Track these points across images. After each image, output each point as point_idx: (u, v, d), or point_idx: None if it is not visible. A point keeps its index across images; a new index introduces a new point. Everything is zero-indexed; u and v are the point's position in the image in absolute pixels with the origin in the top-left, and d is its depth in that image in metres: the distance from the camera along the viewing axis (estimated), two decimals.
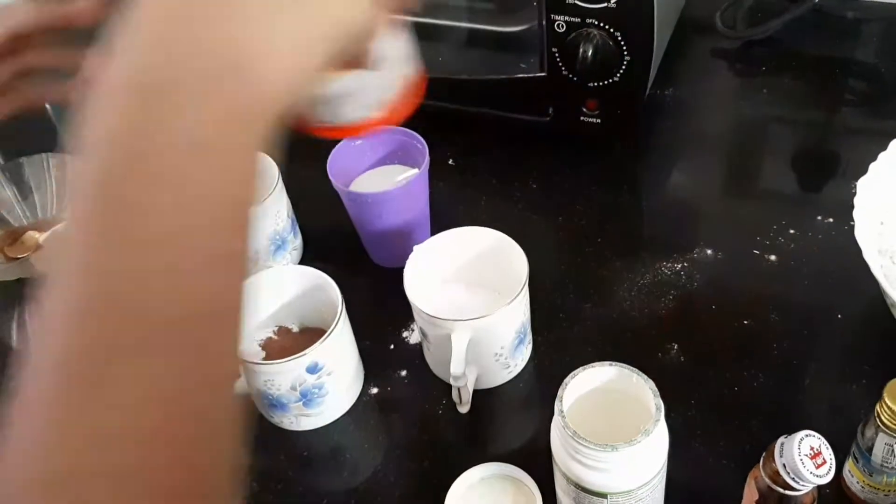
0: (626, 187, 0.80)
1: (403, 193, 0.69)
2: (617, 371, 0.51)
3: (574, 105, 0.78)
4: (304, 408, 0.63)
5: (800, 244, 0.71)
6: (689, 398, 0.62)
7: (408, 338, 0.70)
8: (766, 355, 0.64)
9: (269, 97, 0.29)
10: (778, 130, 0.84)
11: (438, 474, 0.61)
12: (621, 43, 0.71)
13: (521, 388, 0.66)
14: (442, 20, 0.86)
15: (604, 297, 0.70)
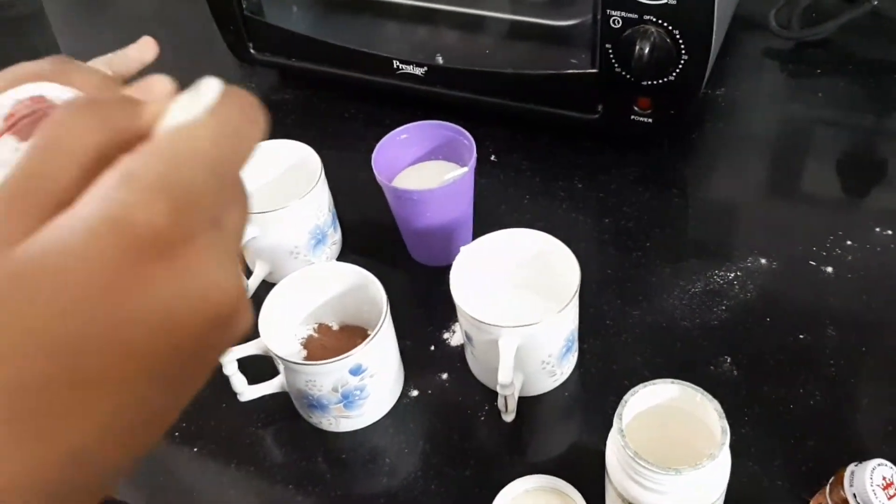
0: (675, 189, 0.77)
1: (450, 192, 0.67)
2: (679, 389, 0.49)
3: (625, 103, 0.75)
4: (344, 409, 0.61)
5: (857, 256, 0.69)
6: (742, 414, 0.60)
7: (449, 339, 0.68)
8: (822, 372, 0.62)
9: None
10: (833, 135, 0.81)
11: (480, 484, 0.59)
12: (679, 41, 0.69)
13: (566, 397, 0.64)
14: (488, 11, 0.84)
15: (653, 304, 0.68)
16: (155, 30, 1.07)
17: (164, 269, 0.23)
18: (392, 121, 0.86)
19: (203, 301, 0.24)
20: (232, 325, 0.25)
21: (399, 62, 0.83)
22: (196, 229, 0.23)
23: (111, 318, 0.22)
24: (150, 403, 0.24)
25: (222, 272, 0.24)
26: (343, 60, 0.86)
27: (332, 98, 0.91)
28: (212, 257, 0.24)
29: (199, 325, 0.24)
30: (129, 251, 0.22)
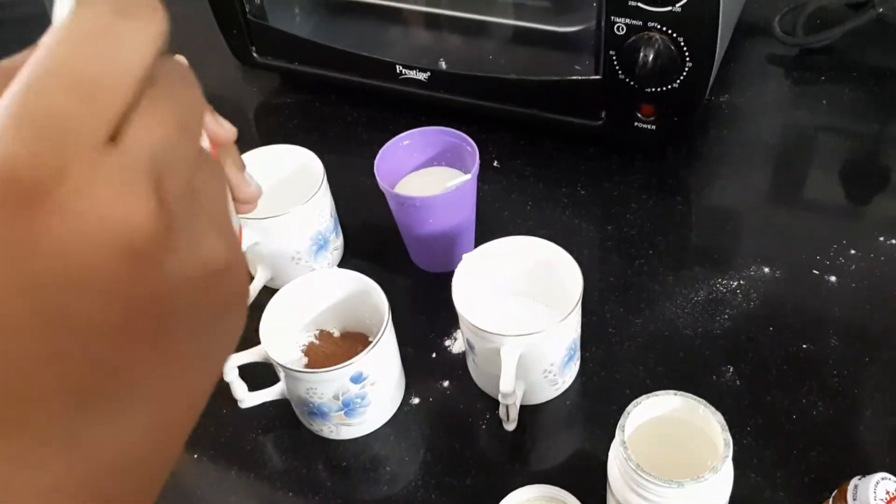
0: (678, 197, 0.77)
1: (452, 199, 0.67)
2: (682, 401, 0.49)
3: (628, 110, 0.75)
4: (345, 417, 0.61)
5: (861, 265, 0.69)
6: (744, 424, 0.60)
7: (450, 347, 0.68)
8: (826, 382, 0.62)
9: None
10: (837, 143, 0.81)
11: (481, 493, 0.59)
12: (683, 49, 0.68)
13: (567, 406, 0.64)
14: (491, 17, 0.84)
15: (655, 312, 0.68)
16: None
17: (46, 214, 0.19)
18: (395, 125, 0.86)
19: (99, 236, 0.20)
20: (169, 255, 0.21)
21: (402, 67, 0.82)
22: (69, 158, 0.19)
23: (10, 283, 0.19)
24: (120, 371, 0.21)
25: (117, 196, 0.20)
26: (346, 64, 0.85)
27: (334, 102, 0.91)
28: (99, 184, 0.20)
29: (109, 265, 0.20)
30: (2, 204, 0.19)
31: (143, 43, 0.21)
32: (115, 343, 0.21)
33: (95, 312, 0.20)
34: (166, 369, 0.22)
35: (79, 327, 0.20)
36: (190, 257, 0.22)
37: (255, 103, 0.94)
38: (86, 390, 0.21)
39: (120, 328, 0.20)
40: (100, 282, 0.20)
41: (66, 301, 0.20)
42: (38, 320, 0.19)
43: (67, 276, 0.19)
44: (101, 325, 0.20)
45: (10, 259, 0.19)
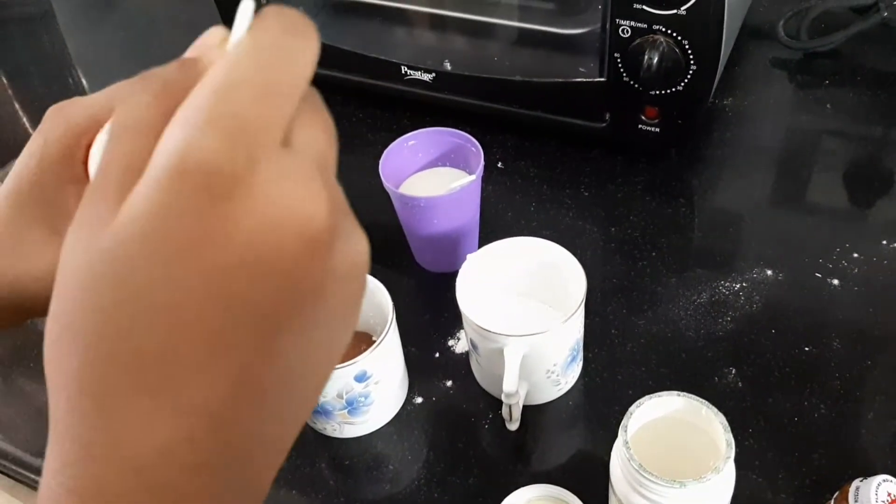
0: (682, 199, 0.77)
1: (457, 199, 0.67)
2: (685, 402, 0.49)
3: (633, 112, 0.75)
4: (348, 416, 0.61)
5: (864, 269, 0.69)
6: (746, 426, 0.60)
7: (454, 346, 0.68)
8: (828, 385, 0.62)
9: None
10: (841, 147, 0.81)
11: (484, 492, 0.60)
12: (688, 52, 0.69)
13: (570, 406, 0.64)
14: (496, 19, 0.84)
15: (658, 314, 0.68)
16: (163, 30, 1.08)
17: (238, 204, 0.22)
18: (399, 126, 0.86)
19: (287, 225, 0.22)
20: (334, 247, 0.23)
21: (407, 68, 0.83)
22: (258, 155, 0.22)
23: (203, 267, 0.22)
24: (275, 355, 0.23)
25: (301, 191, 0.22)
26: (351, 65, 0.86)
27: (339, 102, 0.91)
28: (286, 178, 0.22)
29: (292, 252, 0.22)
30: (196, 196, 0.21)
31: (308, 57, 0.24)
32: (275, 326, 0.23)
33: (269, 297, 0.22)
34: (302, 355, 0.24)
35: (249, 311, 0.22)
36: (348, 250, 0.24)
37: None
38: (235, 370, 0.22)
39: (284, 312, 0.23)
40: (282, 268, 0.22)
41: (246, 286, 0.22)
42: (214, 304, 0.22)
43: (255, 261, 0.22)
44: (269, 309, 0.22)
45: (204, 244, 0.21)
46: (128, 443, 0.22)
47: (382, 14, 0.88)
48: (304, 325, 0.23)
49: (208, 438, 0.22)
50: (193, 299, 0.21)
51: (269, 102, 0.23)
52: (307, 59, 0.24)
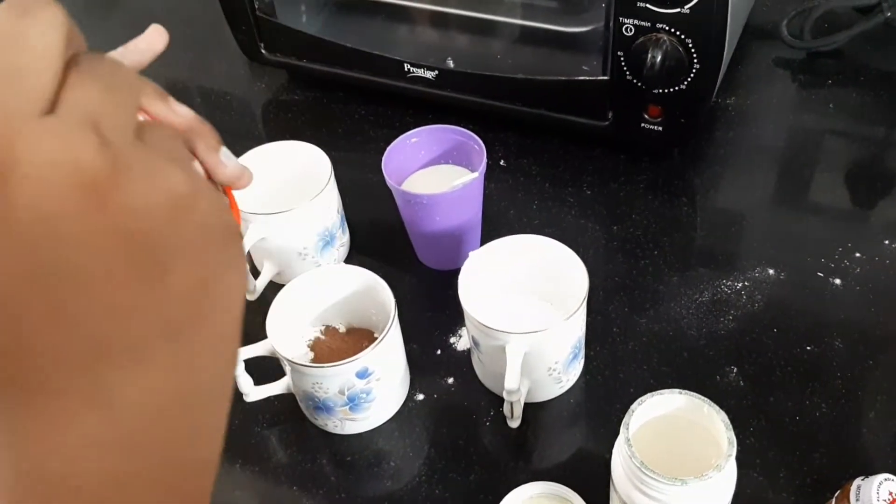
0: (684, 198, 0.77)
1: (459, 197, 0.67)
2: (687, 400, 0.49)
3: (636, 111, 0.75)
4: (350, 412, 0.61)
5: (866, 268, 0.69)
6: (747, 425, 0.60)
7: (455, 344, 0.68)
8: (829, 384, 0.62)
9: None
10: (843, 146, 0.81)
11: (485, 489, 0.60)
12: (692, 50, 0.69)
13: (571, 404, 0.64)
14: (499, 16, 0.84)
15: (660, 312, 0.68)
16: (166, 27, 1.08)
17: (8, 176, 0.22)
18: (402, 123, 0.86)
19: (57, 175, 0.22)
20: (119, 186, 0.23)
21: (410, 65, 0.83)
22: (15, 127, 0.22)
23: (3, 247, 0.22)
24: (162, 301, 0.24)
25: (65, 141, 0.22)
26: (354, 62, 0.86)
27: (342, 99, 0.91)
28: (48, 135, 0.22)
29: (72, 198, 0.22)
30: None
31: (45, 33, 0.24)
32: (112, 283, 0.23)
33: (76, 255, 0.22)
34: (173, 305, 0.24)
35: (70, 274, 0.22)
36: (148, 187, 0.24)
37: (264, 100, 0.94)
38: (97, 338, 0.23)
39: (109, 267, 0.23)
40: (68, 222, 0.22)
41: (49, 251, 0.22)
42: (32, 276, 0.22)
43: (41, 225, 0.22)
44: (88, 268, 0.23)
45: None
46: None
47: (385, 11, 0.88)
48: (150, 273, 0.24)
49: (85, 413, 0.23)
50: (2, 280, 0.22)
51: (13, 83, 0.23)
52: (44, 32, 0.24)
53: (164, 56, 0.59)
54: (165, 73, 0.99)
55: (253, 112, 0.94)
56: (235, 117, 0.93)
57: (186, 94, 0.97)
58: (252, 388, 0.63)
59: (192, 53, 1.02)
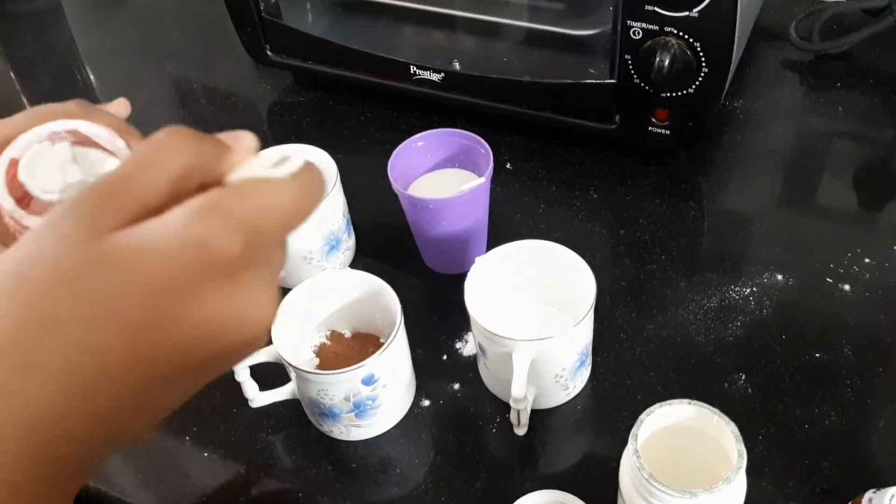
0: (692, 202, 0.77)
1: (466, 202, 0.67)
2: (696, 410, 0.48)
3: (643, 115, 0.75)
4: (355, 418, 0.61)
5: (875, 274, 0.68)
6: (756, 433, 0.60)
7: (461, 349, 0.68)
8: (838, 392, 0.62)
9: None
10: (852, 150, 0.80)
11: (491, 497, 0.59)
12: (700, 54, 0.68)
13: (578, 411, 0.64)
14: (506, 19, 0.83)
15: (667, 318, 0.68)
16: (171, 26, 1.08)
17: (221, 289, 0.28)
18: (408, 125, 0.86)
19: (242, 324, 0.29)
20: (254, 347, 0.30)
21: (416, 67, 0.82)
22: (254, 264, 0.29)
23: (173, 314, 0.27)
24: (172, 390, 0.30)
25: (264, 303, 0.29)
26: (359, 64, 0.85)
27: (347, 101, 0.91)
28: (258, 289, 0.29)
29: (233, 342, 0.29)
30: (202, 267, 0.27)
31: (312, 210, 0.32)
32: (186, 382, 0.31)
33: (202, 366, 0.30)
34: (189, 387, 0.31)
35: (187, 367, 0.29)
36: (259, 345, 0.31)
37: (269, 101, 0.94)
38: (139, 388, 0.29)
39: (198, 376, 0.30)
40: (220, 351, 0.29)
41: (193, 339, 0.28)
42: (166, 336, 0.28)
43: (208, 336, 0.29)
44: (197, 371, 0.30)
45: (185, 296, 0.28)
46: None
47: (392, 13, 0.87)
48: (196, 381, 0.30)
49: (87, 428, 0.28)
50: (150, 327, 0.27)
51: (282, 233, 0.31)
52: (314, 210, 0.32)
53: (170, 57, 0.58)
54: (172, 73, 0.99)
55: (258, 113, 0.93)
56: (241, 118, 0.92)
57: (192, 94, 0.97)
58: (257, 394, 0.62)
59: (198, 54, 1.01)
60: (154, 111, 0.95)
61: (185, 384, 0.30)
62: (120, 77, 1.01)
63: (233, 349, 0.29)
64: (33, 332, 0.27)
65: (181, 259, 0.27)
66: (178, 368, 0.28)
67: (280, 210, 0.30)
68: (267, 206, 0.30)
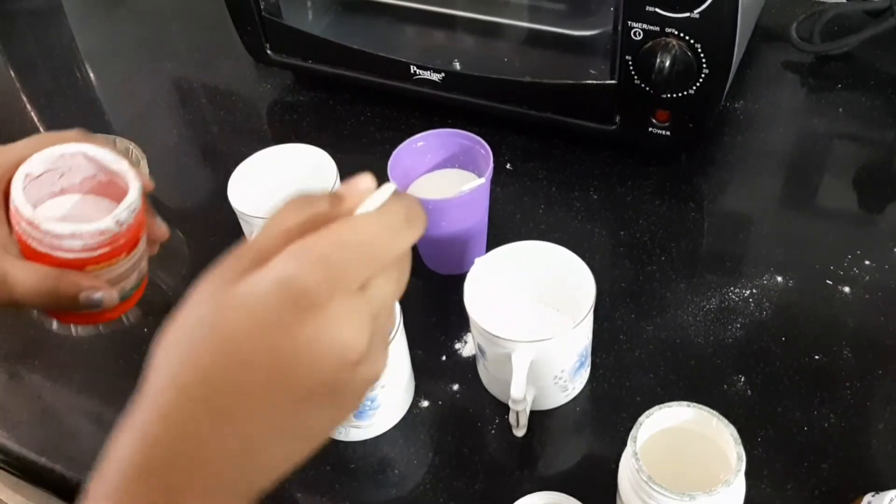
0: (691, 203, 0.77)
1: (466, 202, 0.67)
2: (695, 412, 0.48)
3: (643, 116, 0.74)
4: (354, 419, 0.61)
5: (875, 276, 0.68)
6: (755, 435, 0.60)
7: (461, 350, 0.68)
8: (837, 394, 0.61)
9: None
10: (853, 151, 0.80)
11: (489, 498, 0.59)
12: (701, 55, 0.68)
13: (577, 413, 0.64)
14: (506, 19, 0.83)
15: (667, 320, 0.68)
16: (171, 24, 1.07)
17: (313, 320, 0.32)
18: (408, 125, 0.86)
19: (334, 347, 0.32)
20: (359, 369, 0.33)
21: (416, 67, 0.82)
22: (338, 295, 0.32)
23: (275, 345, 0.32)
24: (293, 415, 0.33)
25: (353, 328, 0.33)
26: (360, 64, 0.85)
27: (347, 101, 0.91)
28: (345, 317, 0.32)
29: (330, 365, 0.32)
30: (290, 302, 0.32)
31: (411, 241, 0.35)
32: (303, 400, 0.33)
33: (306, 385, 0.33)
34: (310, 422, 0.35)
35: (289, 387, 0.32)
36: (368, 370, 0.34)
37: (269, 100, 0.94)
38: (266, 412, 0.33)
39: (312, 396, 0.33)
40: (319, 370, 0.32)
41: (295, 372, 0.32)
42: (269, 371, 0.32)
43: (306, 359, 0.32)
44: (303, 392, 0.33)
45: (281, 333, 0.32)
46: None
47: (392, 13, 0.87)
48: (320, 405, 0.33)
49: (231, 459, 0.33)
50: (261, 362, 0.32)
51: (366, 264, 0.33)
52: (410, 241, 0.35)
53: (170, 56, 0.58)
54: (172, 72, 0.99)
55: (258, 113, 0.93)
56: (241, 118, 0.92)
57: (192, 94, 0.97)
58: None
59: (198, 53, 1.01)
60: (154, 110, 0.95)
61: (318, 411, 0.34)
62: (120, 76, 1.01)
63: (343, 374, 0.33)
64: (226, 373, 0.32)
65: (274, 297, 0.32)
66: (301, 393, 0.32)
67: (357, 244, 0.33)
68: (343, 242, 0.33)
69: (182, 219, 0.83)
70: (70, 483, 0.64)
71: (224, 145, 0.90)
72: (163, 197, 0.85)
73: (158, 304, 0.76)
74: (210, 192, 0.83)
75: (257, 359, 0.32)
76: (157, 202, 0.84)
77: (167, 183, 0.85)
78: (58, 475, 0.65)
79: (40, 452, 0.66)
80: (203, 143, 0.91)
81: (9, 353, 0.74)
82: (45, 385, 0.71)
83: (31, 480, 0.68)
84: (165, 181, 0.84)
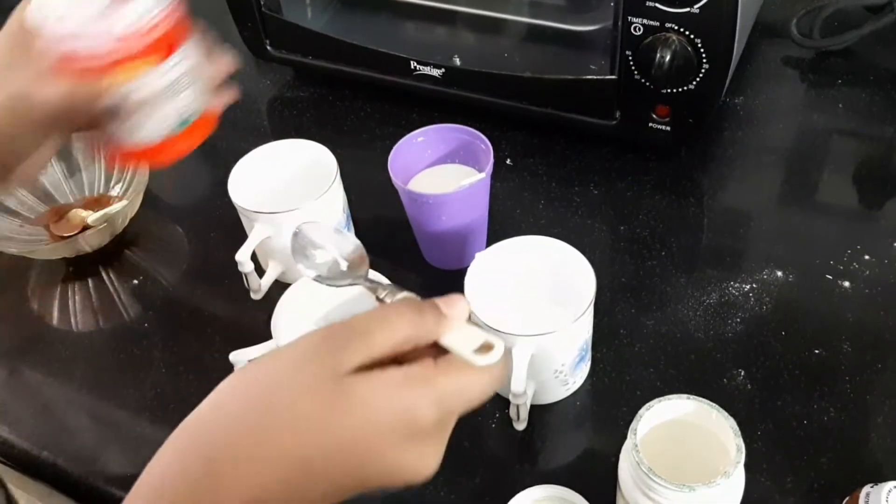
0: (691, 198, 0.77)
1: (466, 197, 0.67)
2: (695, 405, 0.48)
3: (643, 111, 0.75)
4: None
5: (875, 271, 0.68)
6: (754, 428, 0.60)
7: None
8: (837, 388, 0.62)
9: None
10: (852, 147, 0.80)
11: (490, 492, 0.59)
12: (701, 50, 0.68)
13: (577, 407, 0.64)
14: (507, 14, 0.83)
15: (667, 314, 0.68)
16: None
17: (413, 447, 0.37)
18: (408, 121, 0.86)
19: (413, 476, 0.38)
20: (428, 439, 0.38)
21: (416, 63, 0.82)
22: (438, 433, 0.38)
23: (378, 453, 0.36)
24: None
25: (437, 460, 0.38)
26: (360, 59, 0.85)
27: (347, 97, 0.91)
28: (435, 453, 0.38)
29: (398, 484, 0.37)
30: (402, 427, 0.36)
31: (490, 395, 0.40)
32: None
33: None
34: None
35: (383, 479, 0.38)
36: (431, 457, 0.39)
37: (269, 96, 0.94)
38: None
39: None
40: (386, 487, 0.38)
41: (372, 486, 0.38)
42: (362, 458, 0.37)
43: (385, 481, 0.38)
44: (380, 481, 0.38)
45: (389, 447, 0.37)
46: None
47: (392, 8, 0.87)
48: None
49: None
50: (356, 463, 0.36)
51: (466, 408, 0.39)
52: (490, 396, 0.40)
53: None
54: None
55: (258, 108, 0.93)
56: (241, 114, 0.92)
57: None
58: None
59: None
60: None
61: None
62: None
63: (393, 486, 0.37)
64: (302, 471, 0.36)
65: (391, 416, 0.36)
66: (352, 490, 0.37)
67: (470, 395, 0.38)
68: (462, 391, 0.38)
69: (182, 214, 0.83)
70: (71, 477, 0.65)
71: (224, 141, 0.89)
72: (163, 193, 0.86)
73: (158, 298, 0.77)
74: (210, 187, 0.83)
75: (353, 461, 0.36)
76: (157, 198, 0.84)
77: (167, 179, 0.85)
78: (60, 469, 0.65)
79: (41, 447, 0.66)
80: None
81: (10, 349, 0.74)
82: (45, 380, 0.71)
83: (33, 475, 0.68)
84: (166, 177, 0.84)
